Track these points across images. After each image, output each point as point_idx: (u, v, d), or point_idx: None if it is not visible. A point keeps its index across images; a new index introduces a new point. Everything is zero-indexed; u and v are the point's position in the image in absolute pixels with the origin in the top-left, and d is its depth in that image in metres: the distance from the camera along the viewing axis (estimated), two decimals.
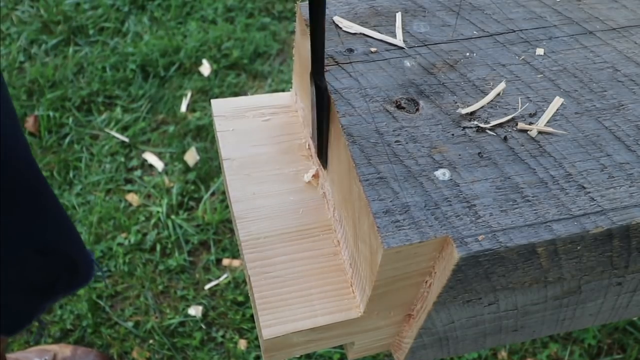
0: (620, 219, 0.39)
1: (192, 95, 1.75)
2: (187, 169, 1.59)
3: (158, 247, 1.45)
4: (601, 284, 0.46)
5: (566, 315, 0.50)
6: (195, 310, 1.37)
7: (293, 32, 1.92)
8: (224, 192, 1.54)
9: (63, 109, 1.71)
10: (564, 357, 1.24)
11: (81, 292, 1.36)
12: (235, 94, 1.74)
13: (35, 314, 0.91)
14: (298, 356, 0.50)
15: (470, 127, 0.44)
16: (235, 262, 1.44)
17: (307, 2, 0.49)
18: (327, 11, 0.49)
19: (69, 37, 1.88)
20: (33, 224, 0.82)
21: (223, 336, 1.34)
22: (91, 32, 1.89)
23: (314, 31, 0.40)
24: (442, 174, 0.41)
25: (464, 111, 0.44)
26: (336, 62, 0.46)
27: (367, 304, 0.44)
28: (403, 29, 0.49)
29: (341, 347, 0.94)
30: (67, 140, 1.64)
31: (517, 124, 0.44)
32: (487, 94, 0.45)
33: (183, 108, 1.72)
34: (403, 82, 0.46)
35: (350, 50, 0.47)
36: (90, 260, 0.95)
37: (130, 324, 1.34)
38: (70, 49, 1.85)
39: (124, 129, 1.66)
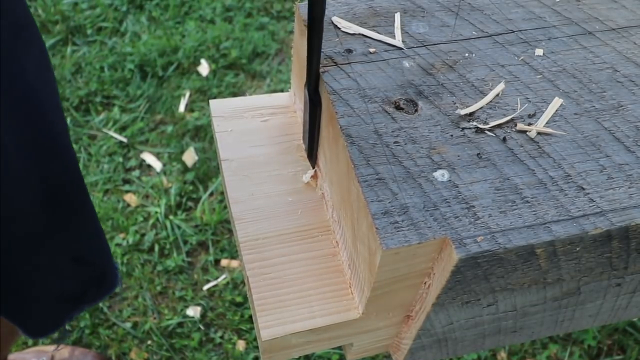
0: (619, 220, 0.39)
1: (190, 95, 1.75)
2: (185, 169, 1.59)
3: (156, 248, 1.45)
4: (600, 285, 0.46)
5: (565, 317, 0.50)
6: (193, 311, 1.37)
7: (292, 32, 1.92)
8: (222, 193, 1.54)
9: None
10: (563, 358, 1.24)
11: None
12: (234, 94, 1.74)
13: (62, 322, 0.92)
14: (297, 357, 0.50)
15: (469, 128, 0.43)
16: (234, 263, 1.44)
17: (307, 3, 0.48)
18: (325, 11, 0.49)
19: (66, 37, 1.88)
20: (75, 232, 0.83)
21: (221, 337, 1.34)
22: (89, 31, 1.88)
23: (310, 50, 0.40)
24: (441, 175, 0.41)
25: (463, 112, 0.44)
26: (335, 62, 0.46)
27: (366, 305, 0.44)
28: (402, 29, 0.49)
29: (340, 348, 0.94)
30: None
31: (516, 125, 0.44)
32: (486, 95, 0.45)
33: (181, 108, 1.72)
34: (402, 82, 0.45)
35: (349, 51, 0.47)
36: (116, 270, 0.96)
37: (128, 325, 1.34)
38: (68, 49, 1.84)
39: (122, 129, 1.66)
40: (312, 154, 0.51)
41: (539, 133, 0.43)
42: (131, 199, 1.53)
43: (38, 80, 0.70)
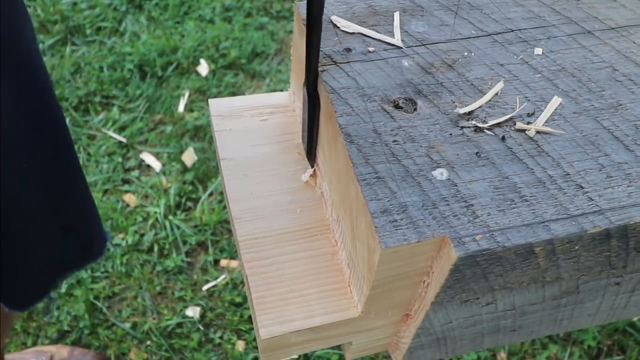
0: (618, 219, 0.39)
1: (189, 95, 1.75)
2: (184, 169, 1.59)
3: (155, 248, 1.45)
4: (599, 284, 0.46)
5: (564, 315, 0.50)
6: (193, 311, 1.37)
7: (291, 32, 1.92)
8: (221, 193, 1.54)
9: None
10: (563, 358, 1.24)
11: (78, 292, 1.36)
12: (233, 94, 1.74)
13: (48, 290, 0.91)
14: (296, 356, 0.50)
15: (468, 127, 0.43)
16: (233, 263, 1.44)
17: (306, 2, 0.48)
18: (325, 11, 0.49)
19: (66, 37, 1.88)
20: (64, 199, 0.82)
21: (221, 337, 1.34)
22: (88, 31, 1.88)
23: (309, 48, 0.40)
24: (440, 173, 0.41)
25: (462, 111, 0.44)
26: (334, 61, 0.46)
27: (365, 303, 0.44)
28: (401, 28, 0.49)
29: (339, 347, 0.94)
30: None
31: (515, 124, 0.44)
32: (485, 94, 0.45)
33: (181, 108, 1.72)
34: (401, 81, 0.45)
35: (348, 50, 0.47)
36: (104, 238, 0.95)
37: (127, 325, 1.34)
38: (67, 49, 1.84)
39: (121, 129, 1.66)
40: (311, 153, 0.51)
41: (538, 132, 0.43)
42: (130, 199, 1.53)
43: (33, 45, 0.71)
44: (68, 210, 0.84)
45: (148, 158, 1.61)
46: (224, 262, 1.44)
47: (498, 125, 0.44)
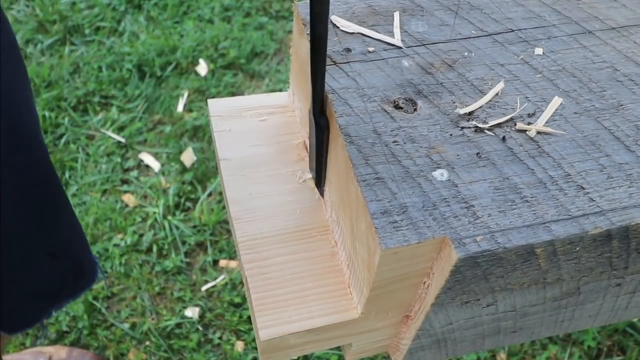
0: (619, 220, 0.39)
1: (188, 95, 1.75)
2: (183, 169, 1.59)
3: (154, 248, 1.45)
4: (600, 285, 0.46)
5: (565, 317, 0.50)
6: (192, 312, 1.37)
7: (290, 32, 1.92)
8: (220, 193, 1.54)
9: (59, 109, 1.70)
10: (563, 358, 1.24)
11: None
12: (233, 94, 1.73)
13: (40, 318, 0.91)
14: (295, 358, 0.50)
15: (469, 127, 0.43)
16: (232, 263, 1.44)
17: (306, 3, 0.48)
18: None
19: (64, 37, 1.87)
20: (50, 226, 0.82)
21: (220, 338, 1.33)
22: (87, 31, 1.88)
23: (314, 71, 0.39)
24: (440, 174, 0.41)
25: (462, 111, 0.44)
26: (334, 61, 0.46)
27: (365, 305, 0.44)
28: (401, 28, 0.49)
29: (339, 348, 0.93)
30: (62, 140, 1.63)
31: (515, 124, 0.43)
32: (485, 94, 0.45)
33: (180, 108, 1.72)
34: (401, 81, 0.45)
35: (348, 50, 0.47)
36: (94, 263, 0.95)
37: (126, 326, 1.33)
38: (66, 49, 1.84)
39: (120, 129, 1.66)
40: (320, 181, 0.50)
41: (538, 132, 0.43)
42: (129, 199, 1.53)
43: (7, 72, 0.70)
44: (55, 236, 0.84)
45: (147, 158, 1.61)
46: (223, 263, 1.44)
47: (498, 125, 0.44)
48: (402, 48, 0.47)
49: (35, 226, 0.79)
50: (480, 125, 0.43)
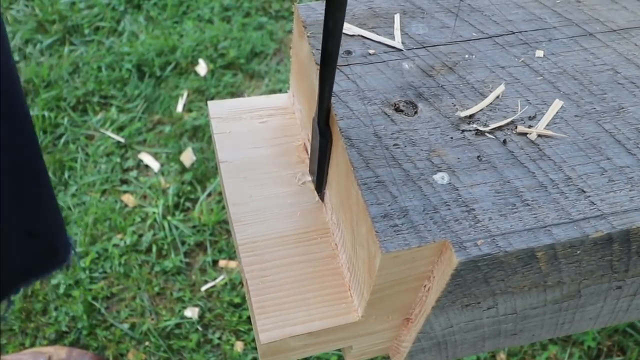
0: (620, 223, 0.39)
1: (188, 95, 1.75)
2: (183, 169, 1.58)
3: (154, 249, 1.44)
4: (601, 288, 0.46)
5: (565, 319, 0.50)
6: (191, 312, 1.37)
7: (290, 32, 1.92)
8: (220, 193, 1.54)
9: (58, 109, 1.70)
10: (563, 359, 1.24)
11: (76, 293, 1.36)
12: (232, 94, 1.73)
13: (8, 294, 0.90)
14: None
15: (469, 130, 0.43)
16: (232, 264, 1.44)
17: (307, 6, 0.48)
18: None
19: (64, 37, 1.87)
20: (30, 203, 0.81)
21: (219, 338, 1.33)
22: (86, 31, 1.88)
23: (322, 84, 0.39)
24: (441, 177, 0.40)
25: (463, 114, 0.44)
26: None
27: (365, 308, 0.44)
28: (401, 30, 0.48)
29: (339, 350, 0.93)
30: (62, 140, 1.63)
31: (516, 127, 0.43)
32: (486, 97, 0.45)
33: (179, 108, 1.72)
34: (401, 84, 0.45)
35: (348, 52, 0.47)
36: (68, 243, 0.94)
37: (125, 326, 1.33)
38: (66, 49, 1.84)
39: (119, 129, 1.66)
40: (321, 188, 0.50)
41: (539, 135, 0.43)
42: (129, 199, 1.53)
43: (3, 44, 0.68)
44: (34, 216, 0.83)
45: (146, 158, 1.61)
46: (222, 263, 1.44)
47: (499, 128, 0.43)
48: (402, 50, 0.47)
49: (15, 202, 0.78)
50: (481, 128, 0.43)
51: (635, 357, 1.22)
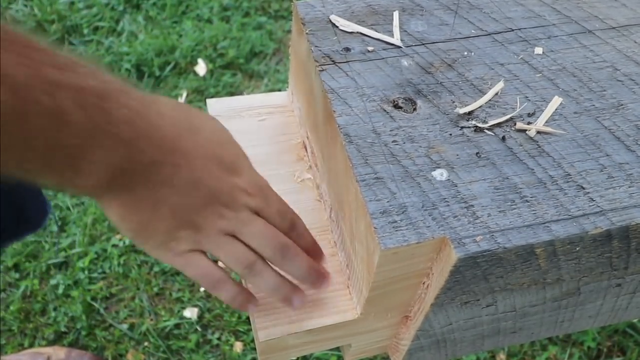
0: (619, 220, 0.39)
1: (187, 95, 1.75)
2: None
3: None
4: (600, 286, 0.46)
5: (565, 317, 0.50)
6: (190, 312, 1.36)
7: (289, 32, 1.91)
8: None
9: None
10: (563, 359, 1.24)
11: (75, 293, 1.35)
12: (231, 94, 1.73)
13: None
14: (294, 358, 0.49)
15: (468, 127, 0.43)
16: None
17: (305, 2, 0.48)
18: (324, 10, 0.49)
19: (63, 37, 1.87)
20: None
21: (219, 338, 1.33)
22: (85, 31, 1.88)
23: None
24: (440, 174, 0.40)
25: (461, 111, 0.44)
26: (333, 61, 0.46)
27: (364, 305, 0.43)
28: (400, 27, 0.48)
29: (338, 349, 0.93)
30: None
31: (515, 124, 0.43)
32: (485, 94, 0.45)
33: None
34: (400, 81, 0.45)
35: (347, 49, 0.47)
36: (44, 208, 0.93)
37: (124, 326, 1.33)
38: (64, 49, 1.83)
39: None
40: None
41: (538, 132, 0.43)
42: None
43: None
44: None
45: None
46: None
47: (498, 125, 0.43)
48: (401, 47, 0.47)
49: None
50: (480, 124, 0.43)
51: (635, 358, 1.22)
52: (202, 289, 1.38)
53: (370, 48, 0.47)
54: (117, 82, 0.36)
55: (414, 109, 0.44)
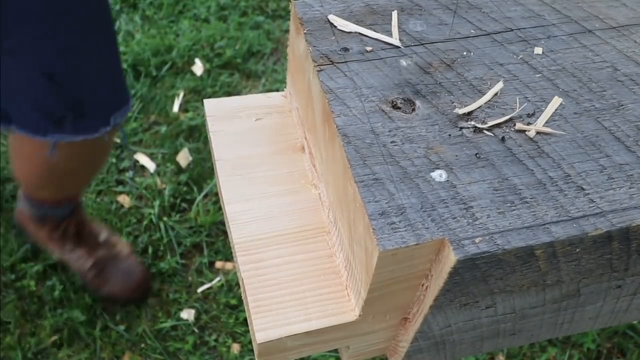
0: (619, 221, 0.39)
1: (184, 95, 1.74)
2: (179, 170, 1.58)
3: (150, 250, 1.44)
4: (600, 287, 0.46)
5: (565, 319, 0.49)
6: (187, 314, 1.36)
7: (287, 31, 1.91)
8: (217, 194, 1.53)
9: None
10: None
11: (74, 294, 1.35)
12: (229, 94, 1.73)
13: (46, 134, 0.90)
14: None
15: (468, 128, 0.43)
16: (228, 265, 1.43)
17: (302, 2, 0.48)
18: (322, 9, 0.49)
19: None
20: (43, 42, 0.78)
21: (216, 340, 1.33)
22: None
23: None
24: (439, 175, 0.40)
25: (461, 111, 0.43)
26: (331, 61, 0.45)
27: (363, 307, 0.43)
28: (399, 27, 0.48)
29: (336, 351, 0.93)
30: None
31: (515, 125, 0.43)
32: (484, 94, 0.45)
33: (175, 108, 1.71)
34: (399, 81, 0.45)
35: (346, 50, 0.46)
36: (106, 112, 0.91)
37: (121, 328, 1.32)
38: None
39: None
40: None
41: (538, 133, 0.43)
42: (124, 200, 1.52)
43: None
44: (49, 58, 0.80)
45: (142, 159, 1.60)
46: (219, 264, 1.43)
47: (498, 126, 0.43)
48: (400, 47, 0.47)
49: (31, 38, 0.77)
50: (479, 125, 0.43)
51: (635, 359, 1.22)
52: (199, 290, 1.37)
53: (368, 48, 0.47)
54: None
55: (413, 110, 0.44)
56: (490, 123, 0.43)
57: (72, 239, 1.27)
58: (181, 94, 1.72)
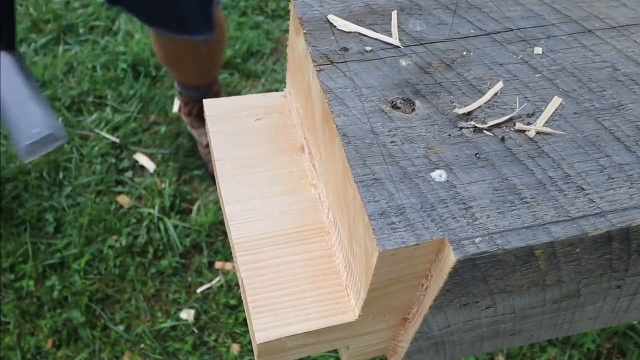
0: (619, 221, 0.39)
1: None
2: (179, 170, 1.58)
3: (150, 250, 1.44)
4: (600, 287, 0.46)
5: (565, 319, 0.49)
6: (187, 314, 1.36)
7: (287, 31, 1.91)
8: (216, 194, 1.53)
9: (53, 108, 1.69)
10: None
11: (73, 295, 1.35)
12: (228, 94, 1.73)
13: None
14: None
15: (467, 128, 0.43)
16: (228, 265, 1.43)
17: (302, 1, 0.48)
18: (321, 9, 0.49)
19: (58, 36, 1.86)
20: None
21: (215, 340, 1.33)
22: (81, 30, 1.87)
23: None
24: (439, 175, 0.40)
25: (460, 111, 0.43)
26: (331, 61, 0.45)
27: (362, 307, 0.43)
28: (399, 27, 0.48)
29: (336, 351, 0.93)
30: None
31: (514, 124, 0.43)
32: (484, 94, 0.45)
33: (175, 108, 1.71)
34: (399, 81, 0.45)
35: (345, 49, 0.46)
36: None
37: (121, 328, 1.32)
38: (60, 48, 1.83)
39: (114, 130, 1.65)
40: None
41: (538, 133, 0.43)
42: (124, 200, 1.52)
43: None
44: None
45: (142, 159, 1.60)
46: (218, 264, 1.43)
47: (497, 125, 0.43)
48: (399, 47, 0.47)
49: None
50: (479, 125, 0.43)
51: (635, 359, 1.22)
52: (198, 291, 1.37)
53: (368, 48, 0.46)
54: None
55: (413, 110, 0.43)
56: (490, 123, 0.43)
57: (197, 116, 1.57)
58: None
